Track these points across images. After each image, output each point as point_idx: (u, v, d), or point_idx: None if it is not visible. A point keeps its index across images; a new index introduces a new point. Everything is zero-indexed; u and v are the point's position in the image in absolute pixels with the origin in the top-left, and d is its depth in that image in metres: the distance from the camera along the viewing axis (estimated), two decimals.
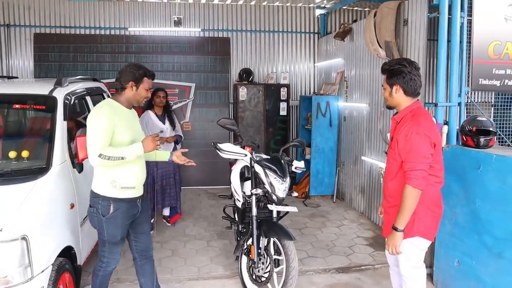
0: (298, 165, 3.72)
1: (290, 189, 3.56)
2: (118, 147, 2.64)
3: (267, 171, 3.43)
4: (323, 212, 5.90)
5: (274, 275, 3.35)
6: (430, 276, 3.72)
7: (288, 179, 3.49)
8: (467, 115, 3.99)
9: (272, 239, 3.41)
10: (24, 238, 2.41)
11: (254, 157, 3.51)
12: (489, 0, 3.85)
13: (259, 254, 3.38)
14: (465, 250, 3.28)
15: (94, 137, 2.61)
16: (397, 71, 2.51)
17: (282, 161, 3.56)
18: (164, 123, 5.02)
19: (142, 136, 2.88)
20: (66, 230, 2.95)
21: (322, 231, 5.12)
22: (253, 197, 3.46)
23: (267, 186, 3.41)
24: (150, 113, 4.99)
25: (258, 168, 3.46)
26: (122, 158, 2.60)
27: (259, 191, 3.42)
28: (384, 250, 3.18)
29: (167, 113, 5.08)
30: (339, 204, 6.33)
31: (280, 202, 3.44)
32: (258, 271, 3.38)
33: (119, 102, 2.77)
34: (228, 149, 3.46)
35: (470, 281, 3.23)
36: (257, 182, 3.53)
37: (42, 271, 2.52)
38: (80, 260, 3.21)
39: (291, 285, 3.22)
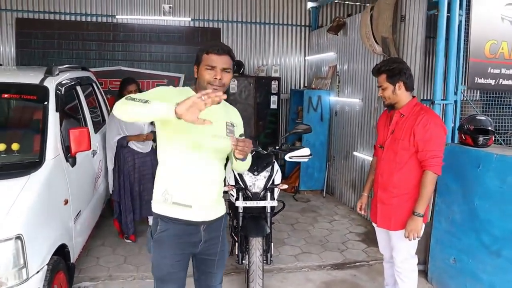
0: (293, 154, 3.50)
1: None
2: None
3: None
4: (314, 207, 5.89)
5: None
6: (424, 273, 3.76)
7: (264, 173, 3.42)
8: (461, 113, 4.02)
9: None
10: (18, 238, 2.28)
11: None
12: None
13: (242, 251, 3.41)
14: (462, 247, 3.30)
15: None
16: (397, 69, 2.68)
17: (266, 153, 3.51)
18: None
19: (220, 133, 2.07)
20: (61, 227, 2.83)
21: (314, 227, 5.11)
22: (240, 193, 3.43)
23: (240, 182, 3.43)
24: None
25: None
26: (146, 102, 1.74)
27: (229, 188, 3.46)
28: (377, 246, 3.21)
29: None
30: (329, 199, 6.34)
31: (256, 197, 3.39)
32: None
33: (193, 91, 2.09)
34: None
35: (466, 279, 3.26)
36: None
37: (37, 272, 2.39)
38: (73, 257, 3.09)
39: (252, 281, 3.09)
